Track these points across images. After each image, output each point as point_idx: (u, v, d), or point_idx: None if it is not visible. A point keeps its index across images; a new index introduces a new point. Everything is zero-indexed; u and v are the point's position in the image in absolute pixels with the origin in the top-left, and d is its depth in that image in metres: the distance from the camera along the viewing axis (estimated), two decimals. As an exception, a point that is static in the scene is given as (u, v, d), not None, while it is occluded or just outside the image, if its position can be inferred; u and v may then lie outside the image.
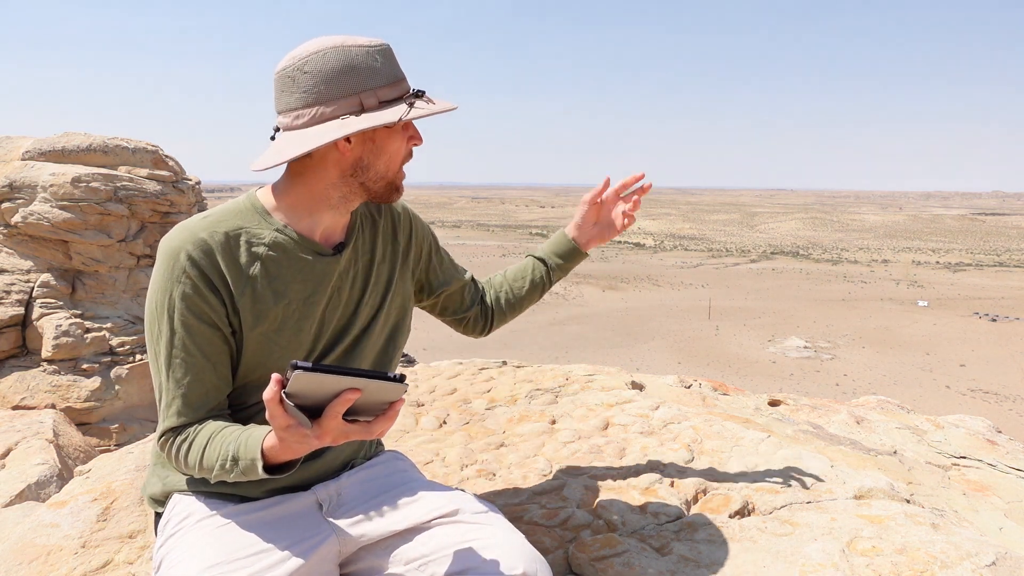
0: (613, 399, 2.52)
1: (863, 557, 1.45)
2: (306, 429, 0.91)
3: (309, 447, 0.94)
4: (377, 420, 0.93)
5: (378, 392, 0.89)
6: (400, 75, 1.18)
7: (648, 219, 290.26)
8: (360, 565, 1.20)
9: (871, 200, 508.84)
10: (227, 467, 1.05)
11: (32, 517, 1.73)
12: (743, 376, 70.68)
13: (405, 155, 1.22)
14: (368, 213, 1.36)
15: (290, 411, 0.90)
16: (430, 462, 2.02)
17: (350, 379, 0.86)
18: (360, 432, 0.92)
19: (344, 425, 0.91)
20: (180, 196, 11.81)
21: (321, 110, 1.12)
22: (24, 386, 9.55)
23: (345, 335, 1.27)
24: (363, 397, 0.89)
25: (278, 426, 0.92)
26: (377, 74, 1.15)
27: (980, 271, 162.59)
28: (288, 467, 1.04)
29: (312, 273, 1.22)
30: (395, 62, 1.18)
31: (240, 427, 1.09)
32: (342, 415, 0.91)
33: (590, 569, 1.43)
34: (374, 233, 1.35)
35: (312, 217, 1.23)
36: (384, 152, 1.19)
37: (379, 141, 1.18)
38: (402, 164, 1.23)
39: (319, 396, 0.89)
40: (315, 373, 0.84)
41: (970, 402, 64.09)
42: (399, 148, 1.20)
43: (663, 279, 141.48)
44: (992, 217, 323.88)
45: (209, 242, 1.14)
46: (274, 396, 0.88)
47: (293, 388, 0.87)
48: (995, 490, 1.95)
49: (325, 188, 1.20)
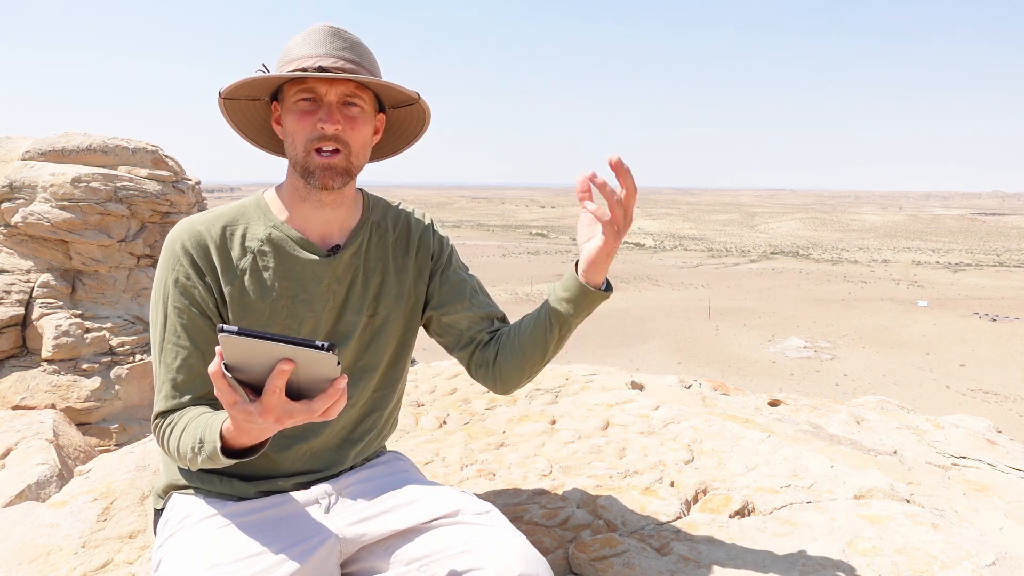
0: (613, 399, 2.52)
1: (863, 557, 1.45)
2: (250, 406, 0.91)
3: (256, 426, 0.93)
4: (318, 398, 0.91)
5: (313, 365, 0.87)
6: (320, 51, 1.17)
7: (648, 219, 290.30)
8: (360, 565, 1.20)
9: (871, 200, 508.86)
10: (196, 450, 1.06)
11: (32, 517, 1.73)
12: (743, 376, 70.68)
13: (307, 133, 1.16)
14: (381, 222, 1.35)
15: (232, 385, 0.90)
16: (430, 462, 2.02)
17: (277, 345, 0.84)
18: (303, 410, 0.91)
19: (287, 403, 0.90)
20: (180, 196, 11.81)
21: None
22: (24, 386, 9.55)
23: (340, 339, 1.27)
24: (301, 373, 0.89)
25: (225, 402, 0.91)
26: (298, 48, 1.18)
27: (980, 271, 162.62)
28: (249, 452, 1.04)
29: (303, 271, 1.23)
30: (327, 41, 1.18)
31: (216, 412, 1.10)
32: (284, 394, 0.90)
33: (590, 569, 1.43)
34: (383, 243, 1.33)
35: (301, 213, 1.25)
36: (287, 133, 1.20)
37: (285, 123, 1.20)
38: (308, 144, 1.17)
39: (257, 370, 0.88)
40: (239, 337, 0.84)
41: (970, 402, 64.08)
42: (295, 127, 1.17)
43: (663, 279, 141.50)
44: (992, 217, 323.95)
45: (205, 234, 1.20)
46: (217, 369, 0.88)
47: (227, 357, 0.87)
48: (995, 490, 1.95)
49: (291, 179, 1.25)
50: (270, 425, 0.92)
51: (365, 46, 1.23)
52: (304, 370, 0.88)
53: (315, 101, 1.17)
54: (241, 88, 1.19)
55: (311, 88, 1.16)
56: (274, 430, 0.95)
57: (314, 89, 1.16)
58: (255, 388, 0.91)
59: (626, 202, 1.11)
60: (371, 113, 1.23)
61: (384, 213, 1.37)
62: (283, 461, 1.25)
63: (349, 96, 1.18)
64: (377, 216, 1.35)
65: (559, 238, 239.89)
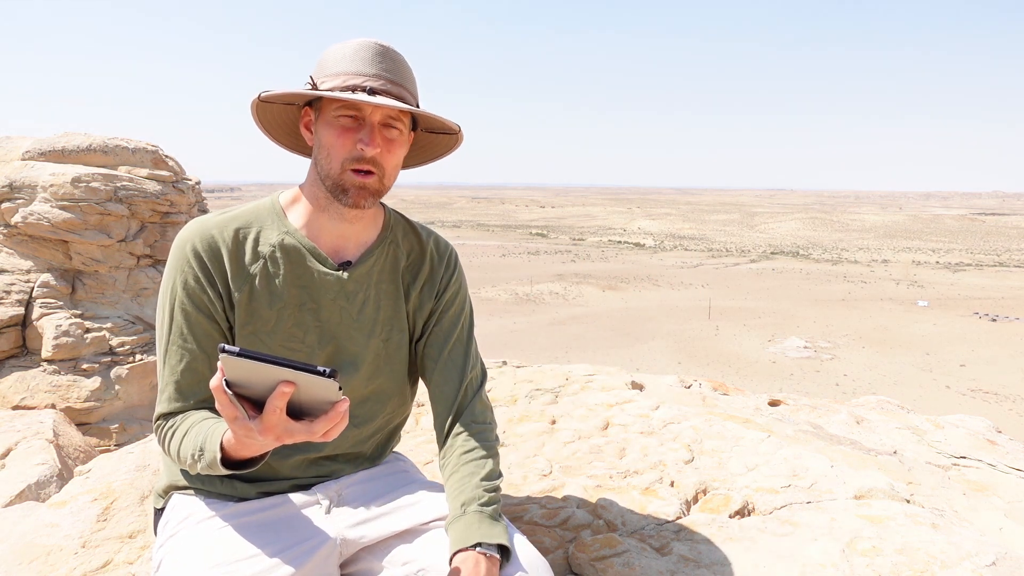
0: (613, 399, 2.52)
1: (863, 557, 1.45)
2: (251, 423, 0.91)
3: (256, 442, 0.93)
4: (319, 420, 0.91)
5: (314, 388, 0.87)
6: (370, 71, 1.16)
7: (648, 219, 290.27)
8: (360, 566, 1.20)
9: (871, 200, 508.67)
10: (196, 457, 1.06)
11: (32, 517, 1.73)
12: (743, 376, 70.66)
13: (346, 152, 1.15)
14: (397, 244, 1.32)
15: (232, 401, 0.90)
16: (430, 462, 2.02)
17: (278, 368, 0.85)
18: (303, 431, 0.91)
19: (287, 422, 0.90)
20: (180, 196, 11.80)
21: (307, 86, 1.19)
22: (24, 386, 9.55)
23: (352, 360, 1.26)
24: (303, 394, 0.89)
25: (226, 417, 0.91)
26: (345, 62, 1.16)
27: (980, 271, 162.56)
28: (248, 464, 1.04)
29: (311, 281, 1.22)
30: (376, 61, 1.17)
31: (218, 419, 1.10)
32: (286, 412, 0.90)
33: (590, 569, 1.43)
34: (395, 265, 1.31)
35: (317, 223, 1.23)
36: (322, 145, 1.18)
37: (320, 134, 1.18)
38: (345, 163, 1.15)
39: (259, 388, 0.88)
40: (240, 359, 0.84)
41: (970, 402, 64.06)
42: (334, 142, 1.16)
43: (663, 279, 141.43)
44: (992, 217, 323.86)
45: (217, 238, 1.18)
46: (219, 384, 0.88)
47: (228, 375, 0.87)
48: (995, 490, 1.95)
49: (312, 188, 1.23)
50: (270, 442, 0.93)
51: (409, 67, 1.22)
52: (305, 392, 0.88)
53: (357, 119, 1.15)
54: (284, 95, 1.18)
55: (356, 106, 1.15)
56: (274, 446, 0.95)
57: (359, 107, 1.15)
58: (257, 403, 0.91)
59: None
60: (407, 136, 1.22)
61: (403, 235, 1.34)
62: (282, 468, 1.25)
63: (392, 119, 1.17)
64: (395, 237, 1.32)
65: (559, 238, 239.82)
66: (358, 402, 1.27)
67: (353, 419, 1.27)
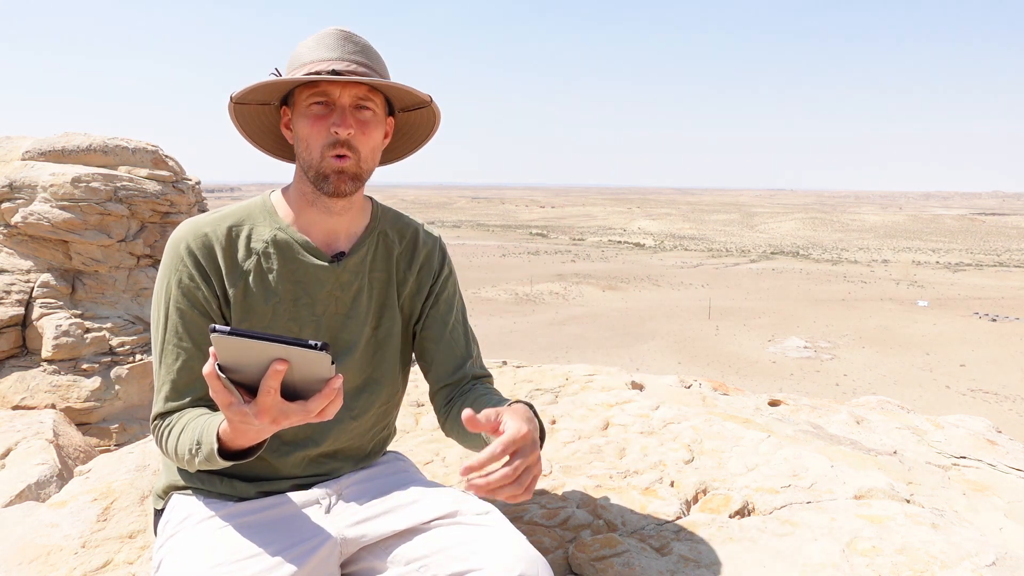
0: (613, 399, 2.52)
1: (863, 557, 1.45)
2: (246, 407, 0.90)
3: (252, 427, 0.93)
4: (314, 398, 0.91)
5: (307, 365, 0.87)
6: (333, 55, 1.16)
7: (648, 219, 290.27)
8: (360, 566, 1.20)
9: (871, 200, 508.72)
10: (193, 452, 1.06)
11: (32, 517, 1.73)
12: (743, 376, 70.66)
13: (322, 139, 1.16)
14: (387, 233, 1.34)
15: (226, 386, 0.89)
16: (430, 462, 2.02)
17: (270, 345, 0.84)
18: (299, 411, 0.91)
19: (282, 403, 0.90)
20: (180, 196, 11.80)
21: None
22: (24, 386, 9.55)
23: (344, 349, 1.27)
24: (296, 373, 0.88)
25: (221, 403, 0.91)
26: (309, 51, 1.17)
27: (980, 271, 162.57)
28: (246, 454, 1.04)
29: (306, 275, 1.23)
30: (339, 45, 1.17)
31: (213, 413, 1.09)
32: (280, 395, 0.89)
33: (590, 569, 1.43)
34: (388, 254, 1.33)
35: (307, 217, 1.25)
36: (300, 138, 1.19)
37: (297, 128, 1.19)
38: (324, 150, 1.16)
39: (252, 371, 0.88)
40: (232, 337, 0.84)
41: (970, 402, 64.06)
42: (309, 131, 1.16)
43: (663, 279, 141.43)
44: (992, 217, 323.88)
45: (210, 235, 1.19)
46: (212, 370, 0.88)
47: (221, 358, 0.87)
48: (995, 490, 1.95)
49: (299, 183, 1.24)
50: (266, 426, 0.92)
51: (375, 50, 1.22)
52: (299, 370, 0.88)
53: (327, 105, 1.16)
54: (252, 93, 1.18)
55: (324, 92, 1.15)
56: (271, 431, 0.95)
57: (327, 92, 1.15)
58: (250, 389, 0.91)
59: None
60: (382, 117, 1.22)
61: (392, 224, 1.36)
62: (283, 467, 1.25)
63: (361, 99, 1.17)
64: (384, 226, 1.34)
65: (559, 238, 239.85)
66: (354, 392, 1.28)
67: (350, 411, 1.28)
